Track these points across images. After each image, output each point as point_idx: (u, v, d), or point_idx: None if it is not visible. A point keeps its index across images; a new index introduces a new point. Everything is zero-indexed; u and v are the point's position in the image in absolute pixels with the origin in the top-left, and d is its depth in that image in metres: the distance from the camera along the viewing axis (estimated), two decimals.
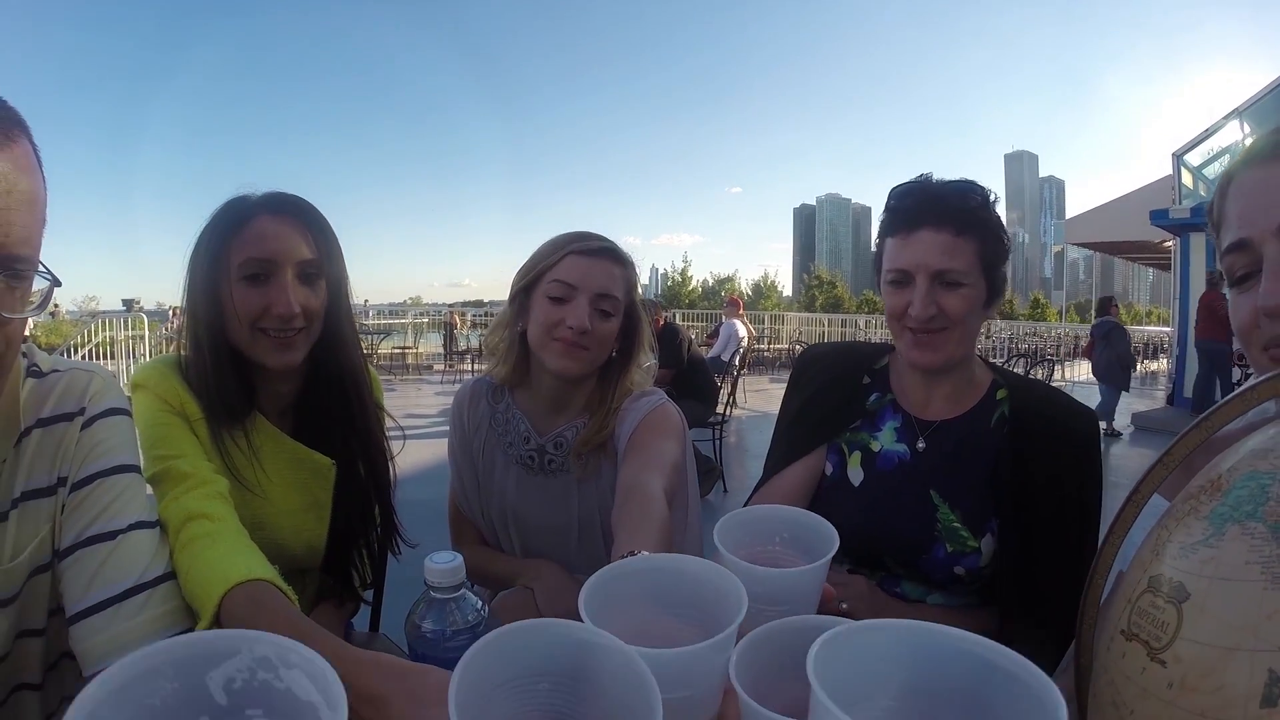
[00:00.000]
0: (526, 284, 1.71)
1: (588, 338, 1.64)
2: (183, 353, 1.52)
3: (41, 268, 0.92)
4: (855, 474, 1.64)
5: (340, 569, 1.68)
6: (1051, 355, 21.51)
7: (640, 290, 1.83)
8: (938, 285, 1.49)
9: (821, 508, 1.37)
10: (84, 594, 1.03)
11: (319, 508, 1.61)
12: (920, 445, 1.61)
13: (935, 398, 1.63)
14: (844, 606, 1.41)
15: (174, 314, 16.31)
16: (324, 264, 1.53)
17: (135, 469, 1.14)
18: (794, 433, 1.73)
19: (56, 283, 0.95)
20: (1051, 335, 28.77)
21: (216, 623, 1.06)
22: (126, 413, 1.18)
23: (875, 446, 1.65)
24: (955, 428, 1.60)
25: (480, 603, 1.06)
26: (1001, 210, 1.61)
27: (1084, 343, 30.00)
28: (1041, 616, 1.39)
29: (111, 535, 1.06)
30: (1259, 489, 0.60)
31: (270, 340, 1.46)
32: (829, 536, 0.96)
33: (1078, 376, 20.98)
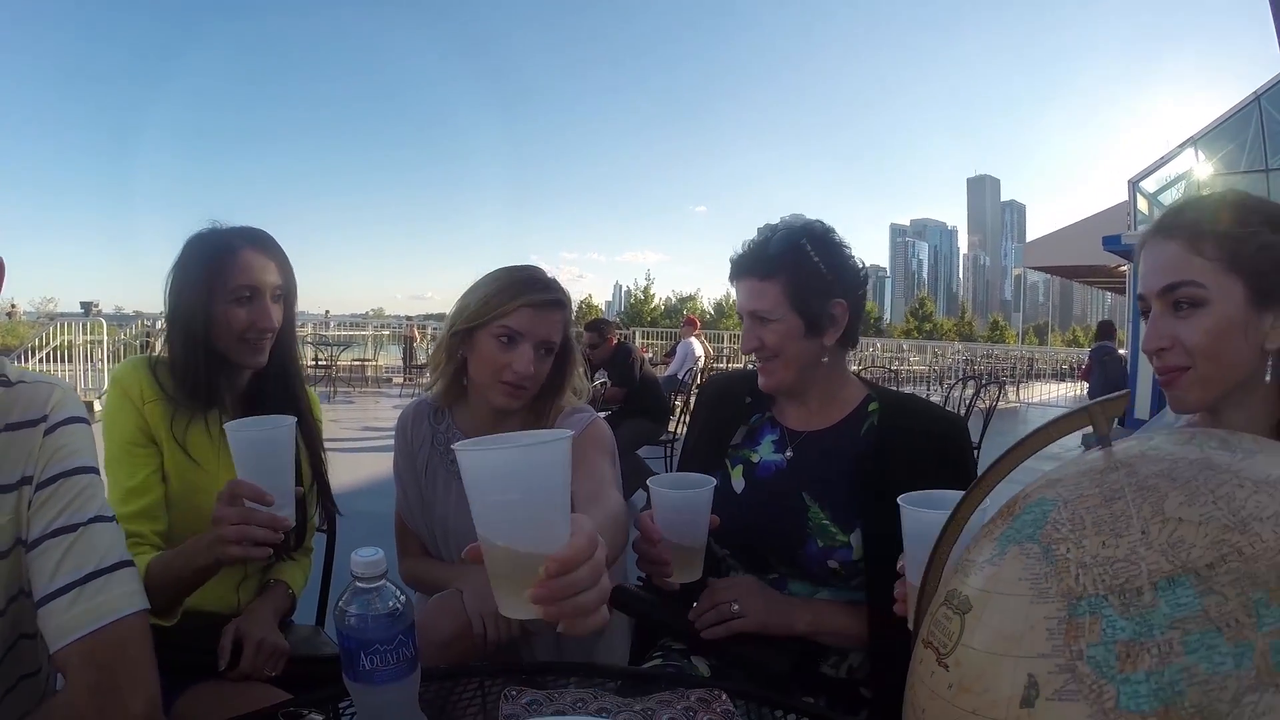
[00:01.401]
0: (475, 322, 1.84)
1: (530, 380, 1.81)
2: (154, 353, 1.90)
3: None
4: (738, 483, 1.84)
5: None
6: (1005, 377, 21.73)
7: (605, 303, 1.89)
8: (755, 322, 1.77)
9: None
10: (50, 579, 1.13)
11: None
12: (789, 454, 1.81)
13: (805, 412, 1.85)
14: (735, 607, 1.64)
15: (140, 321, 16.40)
16: (286, 287, 1.89)
17: (95, 470, 1.26)
18: (696, 454, 1.94)
19: None
20: (1008, 357, 29.12)
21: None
22: (85, 420, 1.29)
23: (755, 458, 1.85)
24: (825, 437, 1.80)
25: (399, 592, 1.14)
26: (962, 234, 1.73)
27: (1039, 365, 30.60)
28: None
29: (74, 528, 1.17)
30: (1042, 514, 0.71)
31: (249, 346, 1.82)
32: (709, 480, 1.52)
33: (1032, 398, 21.22)
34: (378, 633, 1.09)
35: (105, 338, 14.42)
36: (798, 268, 1.73)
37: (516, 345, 1.78)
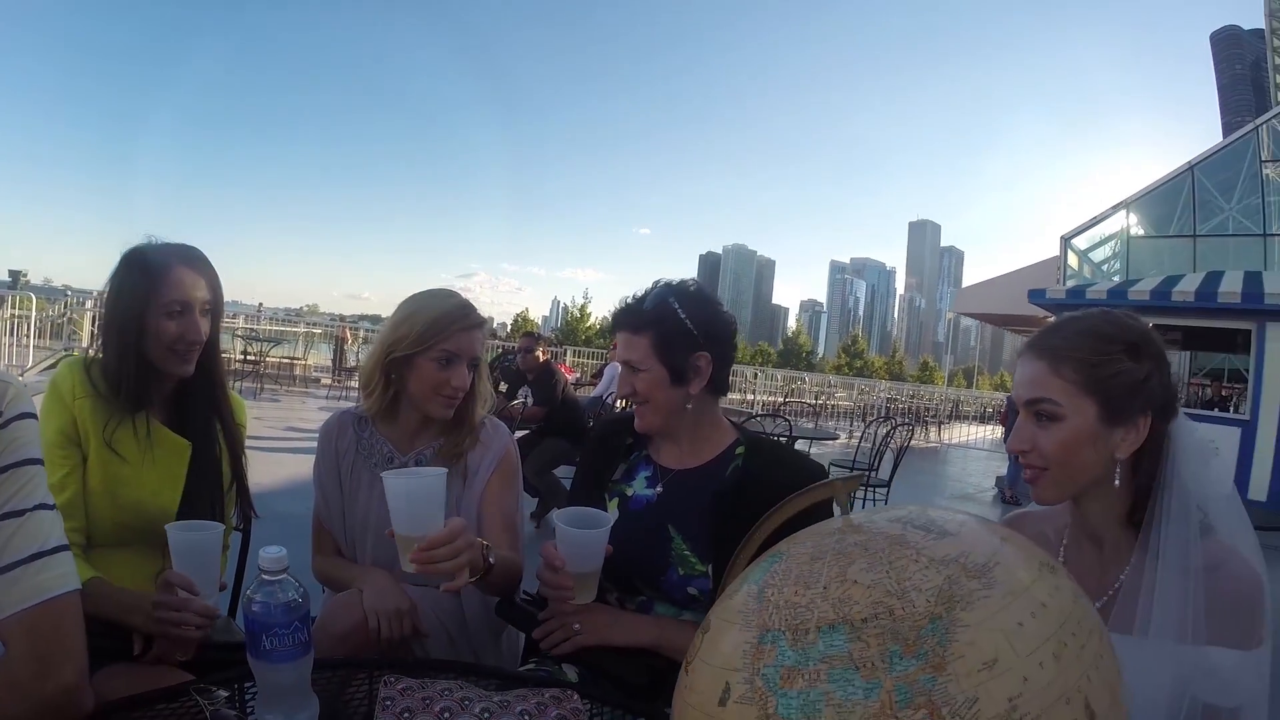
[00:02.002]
0: (416, 346, 2.10)
1: (464, 392, 2.13)
2: (92, 354, 2.08)
3: None
4: (613, 514, 2.03)
5: None
6: (930, 417, 22.17)
7: (542, 318, 2.15)
8: (629, 370, 2.00)
9: None
10: None
11: (174, 478, 2.05)
12: (659, 489, 2.04)
13: (677, 452, 2.08)
14: (576, 626, 1.85)
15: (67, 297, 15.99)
16: (214, 302, 2.08)
17: (39, 462, 1.36)
18: (583, 486, 2.18)
19: None
20: (934, 397, 29.62)
21: None
22: (34, 415, 1.40)
23: (629, 491, 2.08)
24: (693, 475, 2.03)
25: (299, 585, 1.34)
26: (900, 275, 1.94)
27: (964, 407, 31.11)
28: None
29: (20, 513, 1.29)
30: (772, 563, 0.93)
31: (177, 356, 2.00)
32: (608, 518, 1.81)
33: (953, 439, 21.59)
34: (278, 618, 1.29)
35: (33, 313, 14.17)
36: (665, 324, 1.95)
37: (454, 364, 2.09)
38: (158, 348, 1.98)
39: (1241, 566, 1.38)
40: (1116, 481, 1.47)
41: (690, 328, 1.96)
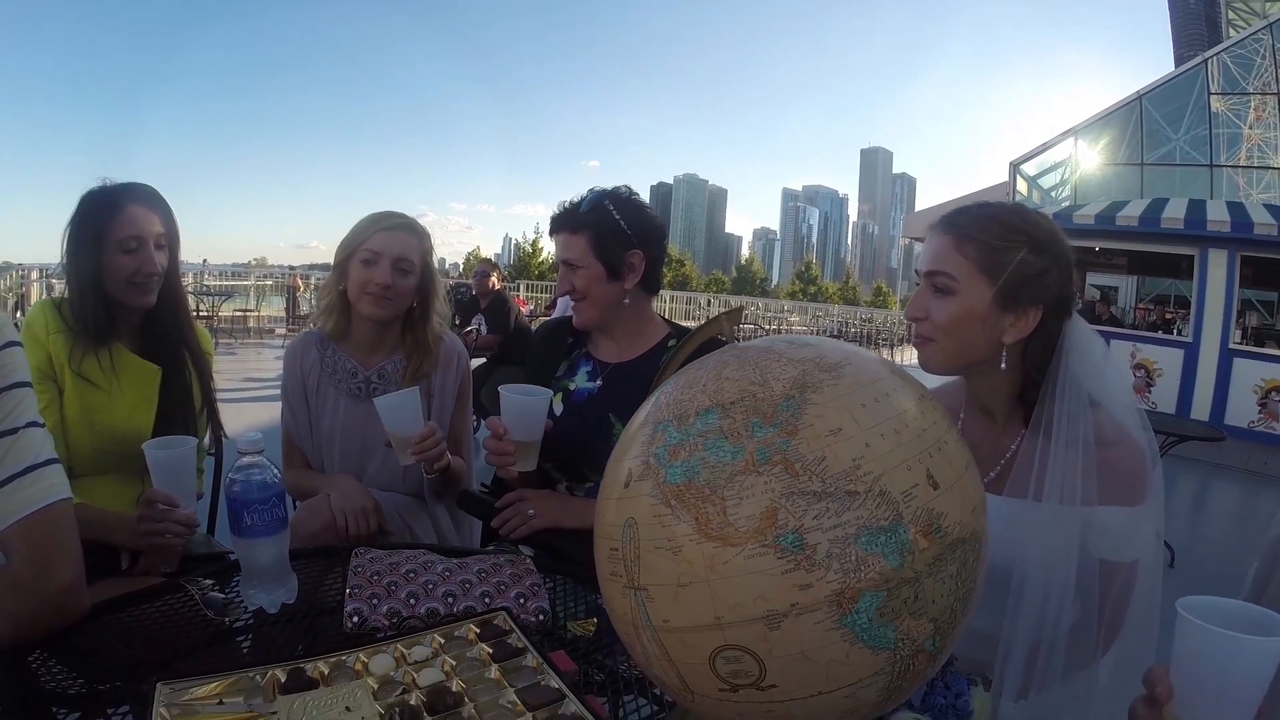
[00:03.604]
0: (346, 255, 2.29)
1: (390, 290, 2.24)
2: (59, 295, 2.20)
3: None
4: (558, 408, 2.21)
5: None
6: (882, 340, 22.46)
7: (494, 255, 2.35)
8: (568, 269, 2.15)
9: None
10: None
11: (146, 401, 2.20)
12: (599, 382, 2.20)
13: (614, 347, 2.23)
14: (530, 511, 2.04)
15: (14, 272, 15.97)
16: (169, 235, 2.21)
17: (28, 384, 1.47)
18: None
19: None
20: (888, 321, 29.94)
21: None
22: (19, 344, 1.49)
23: (572, 386, 2.24)
24: (630, 367, 2.18)
25: (275, 469, 1.49)
26: (853, 203, 2.08)
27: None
28: None
29: (13, 431, 1.39)
30: (669, 382, 1.11)
31: (137, 289, 2.12)
32: (546, 391, 1.98)
33: (906, 360, 21.91)
34: (256, 494, 1.45)
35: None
36: (601, 224, 2.10)
37: (377, 263, 2.22)
38: (116, 282, 2.10)
39: (1130, 443, 1.48)
40: (1003, 365, 1.55)
41: (624, 227, 2.10)
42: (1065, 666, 1.44)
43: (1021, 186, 15.58)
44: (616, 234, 2.11)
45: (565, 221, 2.16)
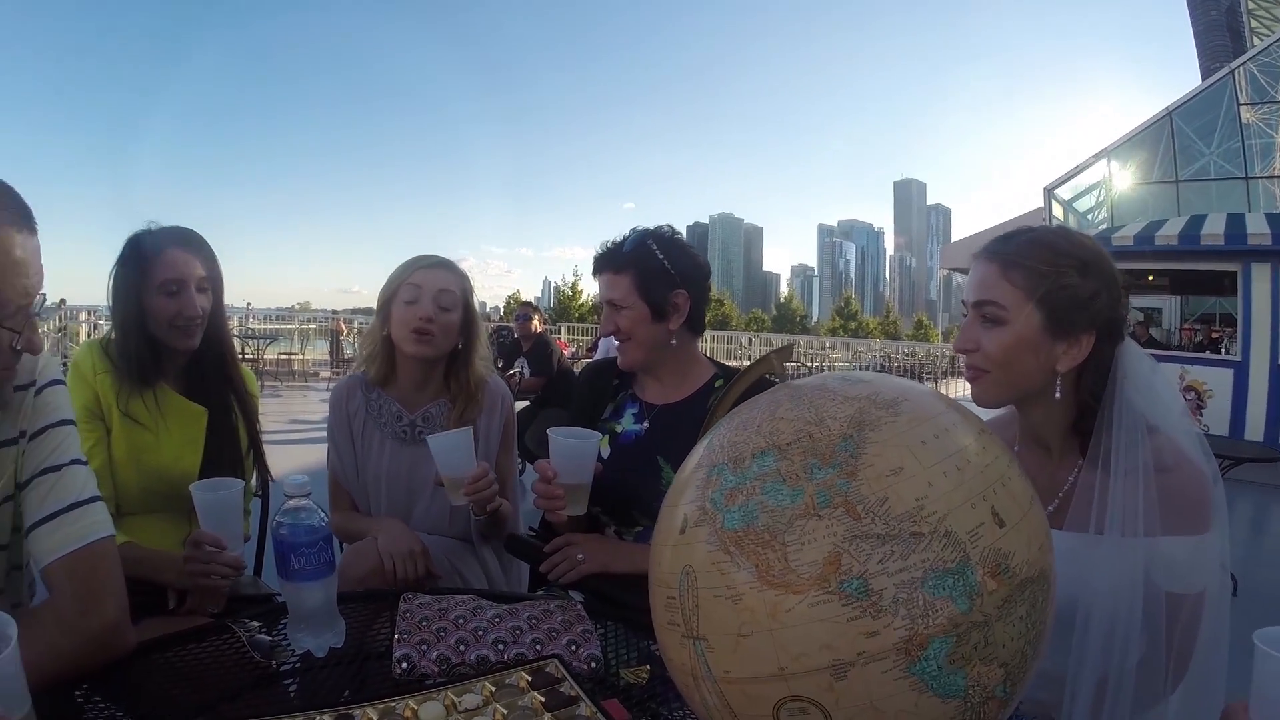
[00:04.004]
0: (388, 297, 2.31)
1: (433, 325, 2.24)
2: (107, 337, 2.22)
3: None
4: (605, 451, 2.19)
5: None
6: (925, 374, 22.25)
7: (535, 298, 2.38)
8: (612, 309, 2.14)
9: None
10: (39, 509, 1.40)
11: (193, 443, 2.21)
12: (646, 424, 2.17)
13: (660, 388, 2.21)
14: (580, 556, 2.02)
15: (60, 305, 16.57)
16: (212, 278, 2.21)
17: (72, 423, 1.52)
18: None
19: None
20: (930, 355, 29.66)
21: None
22: (63, 382, 1.55)
23: (618, 428, 2.22)
24: (676, 409, 2.16)
25: (320, 510, 1.49)
26: (889, 235, 2.06)
27: (960, 363, 31.03)
28: None
29: (58, 468, 1.44)
30: (722, 423, 1.09)
31: (179, 331, 2.13)
32: (595, 433, 1.94)
33: (952, 394, 21.60)
34: (304, 538, 1.44)
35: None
36: (644, 264, 2.09)
37: (419, 299, 2.23)
38: (159, 324, 2.12)
39: (1191, 467, 1.43)
40: (1058, 394, 1.50)
41: (668, 267, 2.10)
42: (1134, 705, 1.39)
43: (1057, 211, 15.36)
44: (660, 274, 2.10)
45: (608, 262, 2.16)
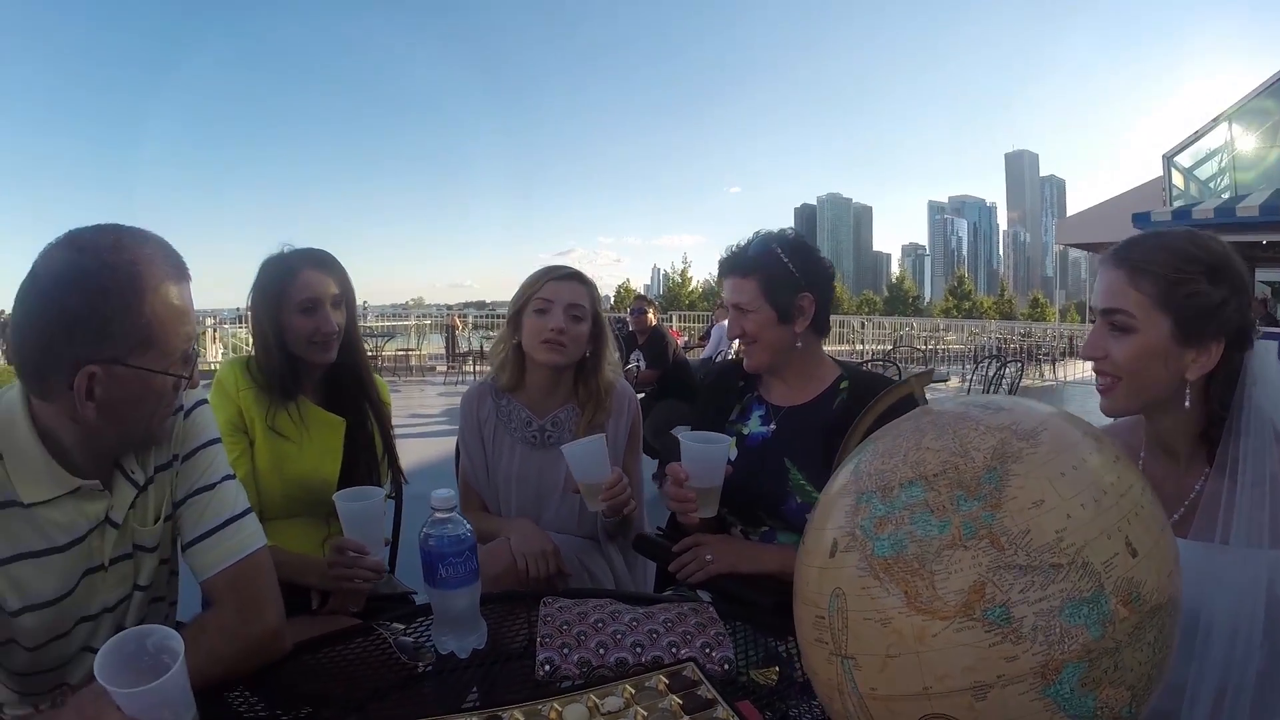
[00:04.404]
0: (519, 308, 2.39)
1: (564, 336, 2.31)
2: (252, 354, 2.35)
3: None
4: (733, 452, 2.20)
5: None
6: (1043, 356, 21.68)
7: (644, 286, 2.46)
8: (738, 313, 2.17)
9: None
10: (195, 526, 1.53)
11: (333, 451, 2.34)
12: (772, 426, 2.20)
13: (786, 390, 2.24)
14: (708, 556, 2.06)
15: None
16: (344, 295, 2.34)
17: (219, 441, 1.63)
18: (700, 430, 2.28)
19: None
20: (1047, 335, 28.83)
21: None
22: (206, 402, 1.64)
23: (745, 430, 2.25)
24: (802, 411, 2.19)
25: (467, 524, 1.56)
26: (1001, 210, 2.07)
27: (1079, 343, 30.12)
28: None
29: (211, 486, 1.56)
30: (864, 448, 1.12)
31: (317, 347, 2.26)
32: (725, 437, 2.00)
33: (1069, 376, 21.05)
34: (451, 548, 1.52)
35: None
36: (770, 268, 2.12)
37: (550, 310, 2.33)
38: (297, 341, 2.25)
39: None
40: (1187, 403, 1.48)
41: (793, 270, 2.12)
42: (1252, 716, 1.37)
43: (1177, 180, 14.58)
44: (785, 277, 2.13)
45: (734, 265, 2.19)
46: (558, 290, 2.35)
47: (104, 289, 1.27)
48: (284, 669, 1.52)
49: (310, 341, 2.25)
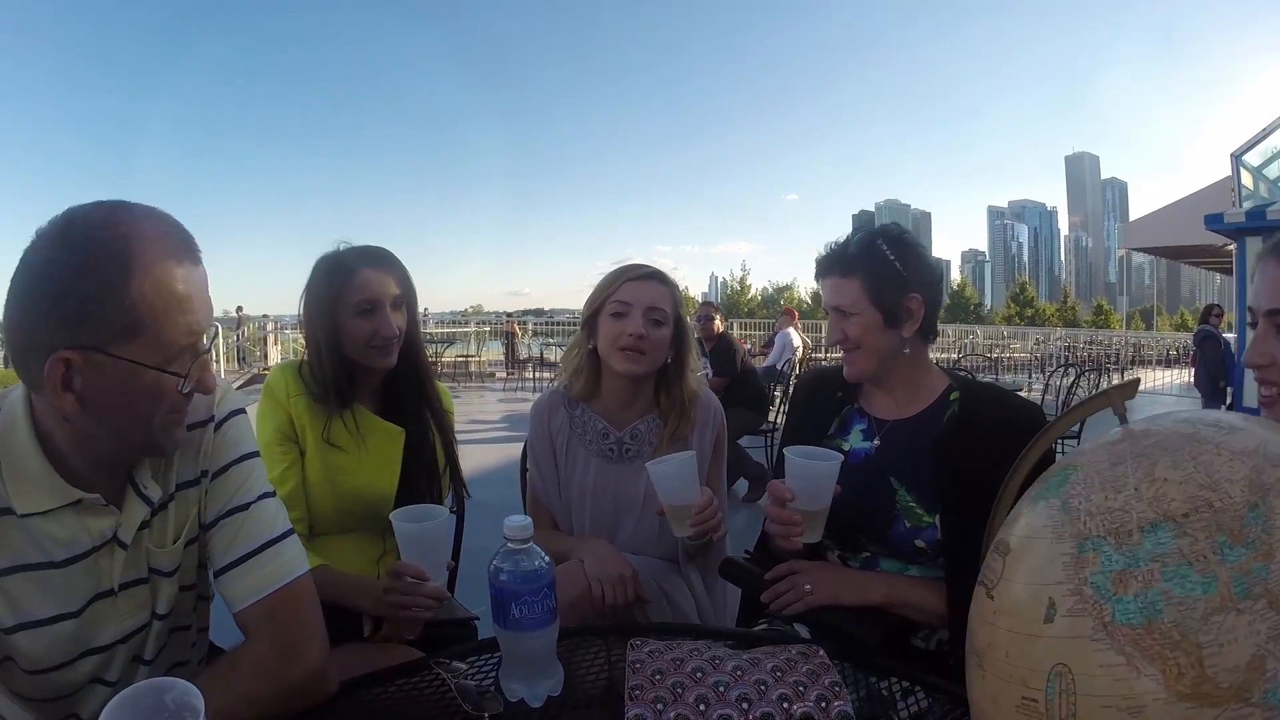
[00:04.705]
0: (594, 310, 2.20)
1: (644, 342, 2.12)
2: (304, 359, 2.18)
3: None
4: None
5: None
6: (1110, 364, 21.18)
7: (701, 295, 2.27)
8: (839, 316, 1.95)
9: None
10: (227, 551, 1.36)
11: (391, 463, 2.17)
12: (876, 441, 1.98)
13: (890, 402, 2.02)
14: (807, 586, 1.83)
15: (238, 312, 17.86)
16: (405, 295, 2.17)
17: (256, 454, 1.46)
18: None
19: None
20: (1113, 343, 28.33)
21: None
22: (244, 411, 1.48)
23: (846, 446, 2.02)
24: (909, 425, 1.97)
25: (543, 553, 1.36)
26: (1063, 214, 1.85)
27: (1146, 351, 29.67)
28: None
29: (245, 506, 1.39)
30: (1065, 477, 0.89)
31: (377, 351, 2.09)
32: (836, 455, 1.77)
33: (1141, 386, 20.55)
34: (525, 585, 1.31)
35: (221, 339, 15.80)
36: (875, 265, 1.90)
37: (628, 314, 2.14)
38: (355, 345, 2.08)
39: None
40: None
41: (900, 269, 1.91)
42: None
43: (1246, 180, 14.09)
44: (892, 276, 1.91)
45: (834, 264, 1.97)
46: (636, 291, 2.16)
47: (85, 265, 1.10)
48: (328, 712, 1.34)
49: (369, 345, 2.09)
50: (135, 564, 1.34)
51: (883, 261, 1.91)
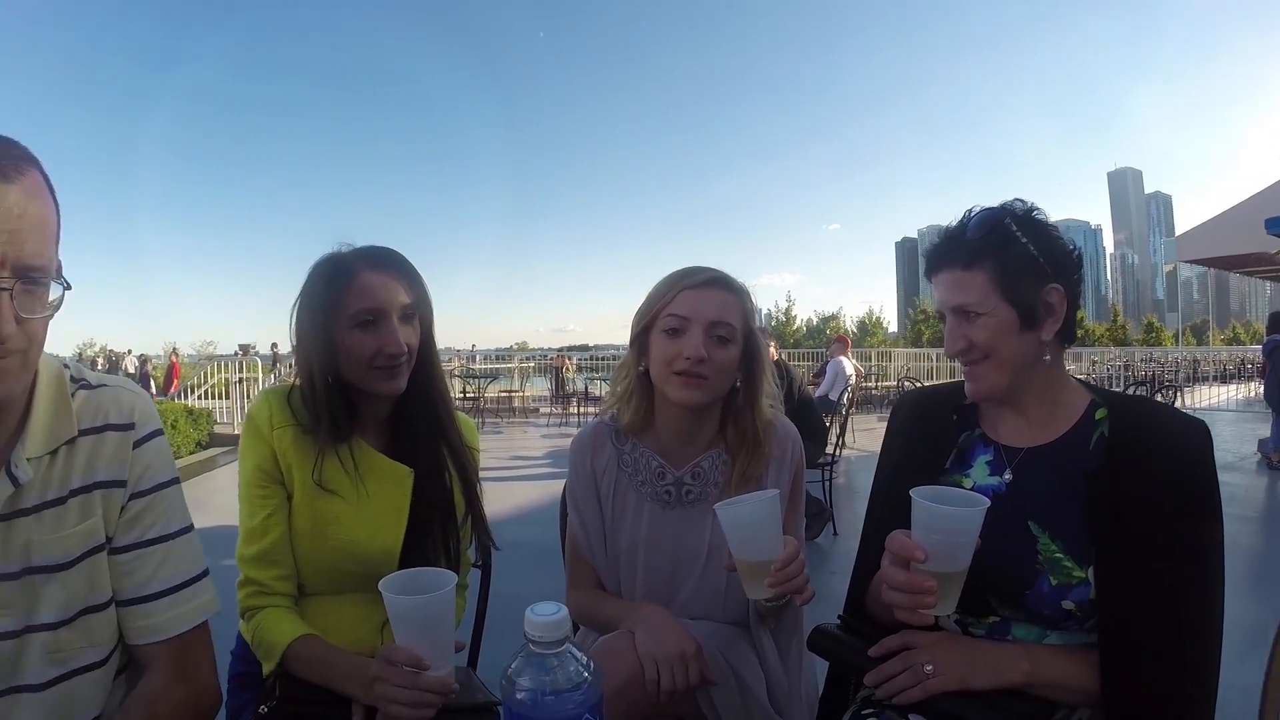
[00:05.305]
0: (644, 325, 1.81)
1: (705, 365, 1.72)
2: (296, 383, 1.81)
3: (57, 277, 1.12)
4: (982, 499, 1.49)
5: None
6: (1169, 381, 20.72)
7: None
8: (960, 319, 1.55)
9: None
10: (147, 583, 1.30)
11: (396, 511, 1.80)
12: (1008, 476, 1.58)
13: (1022, 425, 1.61)
14: (928, 668, 1.44)
15: (274, 350, 17.95)
16: (417, 305, 1.80)
17: (177, 481, 1.39)
18: (898, 486, 1.55)
19: (67, 287, 1.14)
20: (1168, 360, 27.76)
21: (282, 660, 1.60)
22: (162, 432, 1.39)
23: (968, 484, 1.62)
24: (1049, 453, 1.56)
25: (586, 660, 0.97)
26: (1107, 232, 1.51)
27: (1203, 367, 28.97)
28: (1146, 670, 1.36)
29: (167, 538, 1.33)
30: None
31: (381, 373, 1.73)
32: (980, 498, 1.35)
33: (1198, 403, 20.14)
34: (554, 712, 0.91)
35: (260, 375, 15.94)
36: (1005, 252, 1.52)
37: (686, 330, 1.74)
38: (354, 365, 1.73)
39: None
40: None
41: (1035, 254, 1.52)
42: None
43: None
44: (1028, 263, 1.52)
45: (953, 253, 1.58)
46: (696, 302, 1.75)
47: None
48: None
49: (371, 366, 1.72)
50: (3, 553, 1.19)
51: (1014, 246, 1.52)
